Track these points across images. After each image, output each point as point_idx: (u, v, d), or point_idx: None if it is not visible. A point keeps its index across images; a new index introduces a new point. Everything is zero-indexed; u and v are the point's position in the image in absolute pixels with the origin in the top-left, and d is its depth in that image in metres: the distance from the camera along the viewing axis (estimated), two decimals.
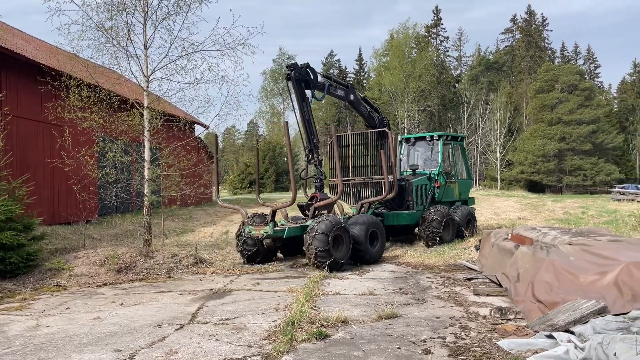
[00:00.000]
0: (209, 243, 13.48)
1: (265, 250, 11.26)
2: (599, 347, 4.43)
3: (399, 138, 15.69)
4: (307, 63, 11.94)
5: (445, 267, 10.40)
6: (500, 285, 7.81)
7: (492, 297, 7.46)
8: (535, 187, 57.06)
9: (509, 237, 9.22)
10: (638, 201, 28.03)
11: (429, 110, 63.62)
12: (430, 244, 12.95)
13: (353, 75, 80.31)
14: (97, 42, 11.06)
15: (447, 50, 78.01)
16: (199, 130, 20.59)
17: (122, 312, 7.10)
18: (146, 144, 11.27)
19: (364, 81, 78.07)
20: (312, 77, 11.89)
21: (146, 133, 11.25)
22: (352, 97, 13.34)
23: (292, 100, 12.01)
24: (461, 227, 13.74)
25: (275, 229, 10.50)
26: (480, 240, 10.91)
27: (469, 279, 8.86)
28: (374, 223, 11.34)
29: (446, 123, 67.52)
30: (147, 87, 11.32)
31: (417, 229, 13.59)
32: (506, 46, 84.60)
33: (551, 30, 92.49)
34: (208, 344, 5.47)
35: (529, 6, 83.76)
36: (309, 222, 10.69)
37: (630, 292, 5.68)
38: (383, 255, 11.70)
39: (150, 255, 10.79)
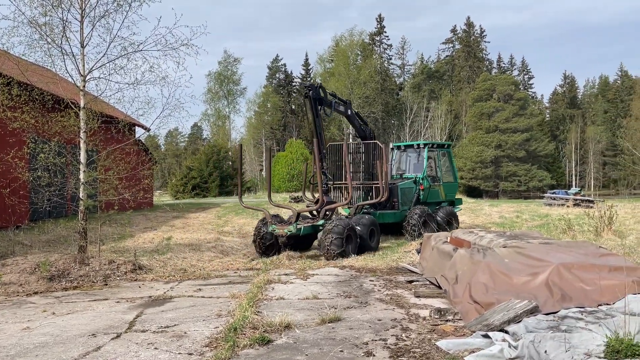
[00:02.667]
0: (149, 249, 13.08)
1: (278, 246, 12.87)
2: (531, 345, 4.62)
3: (391, 146, 17.74)
4: (320, 83, 13.99)
5: (388, 270, 10.57)
6: (440, 287, 8.02)
7: (432, 298, 7.64)
8: (473, 192, 59.20)
9: (448, 240, 9.50)
10: (567, 206, 29.65)
11: (373, 117, 64.75)
12: (409, 237, 14.54)
13: (299, 80, 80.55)
14: (29, 39, 10.49)
15: (391, 58, 79.83)
16: (139, 133, 19.98)
17: (54, 321, 6.74)
18: (82, 145, 10.80)
19: None
20: (323, 96, 13.69)
21: (82, 134, 10.78)
22: (349, 112, 15.06)
23: (309, 116, 13.67)
24: (442, 225, 15.10)
25: (297, 227, 12.29)
26: (421, 244, 11.18)
27: (410, 282, 9.04)
28: (374, 222, 13.23)
29: (390, 130, 68.93)
30: (84, 86, 10.85)
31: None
32: (447, 56, 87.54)
33: (489, 42, 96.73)
34: (146, 352, 5.29)
35: (468, 18, 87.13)
36: (320, 222, 12.69)
37: (559, 292, 5.98)
38: (327, 260, 11.97)
39: (85, 262, 10.33)
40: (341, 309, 6.99)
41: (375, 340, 5.56)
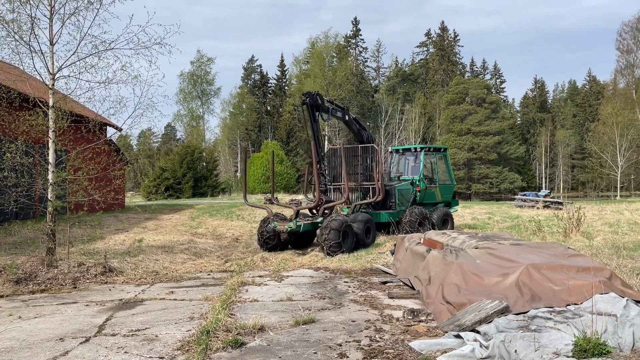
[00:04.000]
0: (120, 251, 12.83)
1: (281, 243, 13.56)
2: (501, 345, 4.69)
3: (390, 149, 18.63)
4: (318, 91, 14.80)
5: (362, 271, 10.61)
6: (413, 288, 8.08)
7: (406, 299, 7.70)
8: None
9: (422, 241, 9.58)
10: (537, 207, 30.27)
11: None
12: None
13: (275, 82, 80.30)
14: None
15: (366, 61, 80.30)
16: (111, 132, 19.62)
17: (21, 325, 6.55)
18: (51, 145, 10.53)
19: (286, 87, 78.29)
20: (321, 102, 14.44)
21: (51, 134, 10.51)
22: (347, 117, 15.81)
23: (306, 121, 14.64)
24: (436, 225, 15.58)
25: (297, 224, 13.03)
26: (395, 245, 11.25)
27: (384, 283, 9.09)
28: (369, 220, 14.07)
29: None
30: (53, 85, 10.58)
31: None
32: (421, 59, 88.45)
33: (462, 46, 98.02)
34: (116, 357, 5.18)
35: (443, 22, 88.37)
36: (319, 219, 13.39)
37: (529, 292, 6.09)
38: (302, 261, 12.06)
39: (53, 264, 10.07)
40: (315, 311, 6.99)
41: (349, 342, 5.57)
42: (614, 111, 56.93)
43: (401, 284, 8.82)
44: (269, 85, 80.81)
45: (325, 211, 13.81)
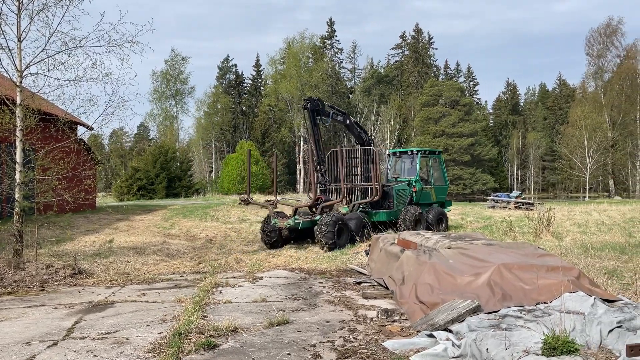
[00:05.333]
0: (91, 252, 12.56)
1: (282, 239, 14.45)
2: (473, 343, 4.75)
3: (387, 152, 19.60)
4: (319, 97, 16.14)
5: (337, 271, 10.63)
6: (387, 288, 8.12)
7: (380, 299, 7.73)
8: None
9: (396, 242, 9.64)
10: (509, 208, 30.82)
11: (324, 119, 64.94)
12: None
13: (250, 82, 79.88)
14: None
15: (342, 62, 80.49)
16: (81, 131, 19.18)
17: None
18: (18, 144, 10.25)
19: (261, 88, 77.95)
20: (322, 107, 15.47)
21: (18, 132, 10.22)
22: (347, 121, 16.67)
23: (307, 125, 15.74)
24: (431, 223, 16.55)
25: (296, 221, 14.00)
26: (369, 245, 11.30)
27: (359, 283, 9.12)
28: (365, 218, 14.90)
29: (341, 132, 69.40)
30: (21, 82, 10.31)
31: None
32: (396, 61, 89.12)
33: (436, 49, 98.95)
34: None
35: (417, 24, 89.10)
36: (317, 217, 14.09)
37: (500, 291, 6.18)
38: (277, 262, 11.99)
39: (21, 266, 9.80)
40: (289, 312, 6.96)
41: (323, 342, 5.56)
42: (583, 114, 58.34)
43: (375, 284, 8.86)
44: (244, 85, 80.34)
45: (325, 210, 14.64)
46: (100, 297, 8.34)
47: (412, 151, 18.27)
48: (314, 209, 14.98)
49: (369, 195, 15.69)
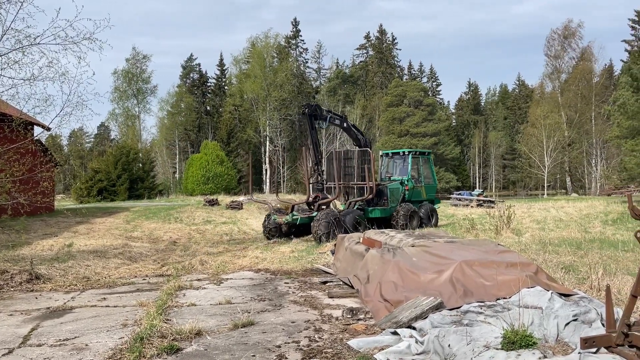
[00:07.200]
0: (48, 257, 12.16)
1: (282, 234, 15.83)
2: (435, 340, 4.82)
3: (380, 153, 20.80)
4: (317, 103, 17.65)
5: (303, 271, 10.62)
6: (352, 287, 8.16)
7: (345, 298, 7.76)
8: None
9: (361, 240, 9.71)
10: (471, 206, 31.49)
11: (290, 119, 64.95)
12: (400, 228, 16.73)
13: (214, 81, 78.93)
14: None
15: (307, 62, 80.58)
16: (38, 132, 18.56)
17: None
18: None
19: (226, 87, 77.16)
20: (319, 112, 16.92)
21: None
22: (345, 124, 18.18)
23: (305, 129, 17.60)
24: (423, 219, 17.85)
25: (293, 217, 15.44)
26: (335, 245, 11.34)
27: (325, 283, 9.13)
28: (359, 215, 15.95)
29: (307, 132, 69.38)
30: None
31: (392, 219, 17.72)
32: (361, 61, 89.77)
33: (400, 49, 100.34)
34: None
35: (381, 25, 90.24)
36: (314, 214, 15.40)
37: (462, 288, 6.29)
38: (242, 264, 11.87)
39: None
40: (255, 313, 6.91)
41: (288, 343, 5.55)
42: (542, 114, 60.11)
43: (341, 283, 8.89)
44: (208, 84, 79.37)
45: (322, 207, 15.99)
46: (59, 302, 8.08)
47: (403, 152, 19.54)
48: (312, 206, 16.24)
49: (365, 194, 16.79)
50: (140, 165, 46.39)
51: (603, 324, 4.82)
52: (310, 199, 16.73)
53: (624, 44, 63.66)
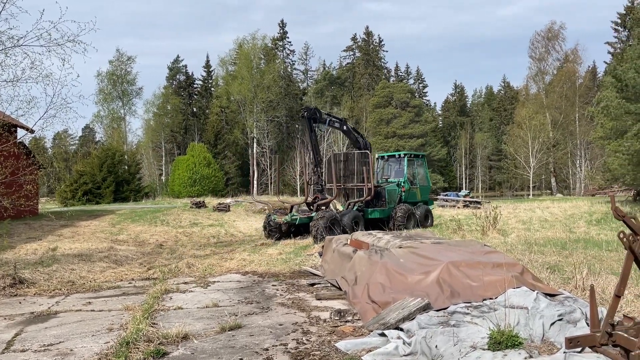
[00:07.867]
0: (32, 261, 12.00)
1: (282, 233, 16.19)
2: (423, 341, 4.84)
3: (376, 156, 21.28)
4: (316, 106, 18.28)
5: (291, 274, 10.60)
6: (340, 289, 8.17)
7: (333, 300, 7.76)
8: None
9: (348, 242, 9.72)
10: (458, 207, 31.68)
11: (277, 121, 64.85)
12: (398, 228, 17.24)
13: (201, 83, 78.54)
14: None
15: (294, 64, 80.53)
16: (21, 134, 18.33)
17: None
18: None
19: (212, 89, 76.82)
20: (318, 115, 17.31)
21: None
22: (344, 127, 18.59)
23: (305, 131, 18.40)
24: (419, 220, 18.31)
25: (292, 217, 15.92)
26: (323, 247, 11.34)
27: (312, 285, 9.12)
28: (357, 216, 16.40)
29: (294, 134, 69.43)
30: None
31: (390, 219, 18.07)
32: (348, 63, 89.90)
33: (387, 51, 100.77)
34: None
35: (367, 27, 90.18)
36: (313, 214, 15.87)
37: (449, 288, 6.33)
38: (229, 266, 11.81)
39: None
40: (242, 316, 6.88)
41: (276, 346, 5.53)
42: (528, 115, 60.68)
43: (329, 285, 8.89)
44: (195, 86, 78.92)
45: (322, 207, 16.45)
46: (43, 307, 7.97)
47: (399, 155, 20.10)
48: (311, 207, 16.68)
49: (364, 195, 17.27)
50: (126, 167, 45.99)
51: (588, 324, 4.87)
52: (310, 199, 17.13)
53: (607, 45, 64.53)
